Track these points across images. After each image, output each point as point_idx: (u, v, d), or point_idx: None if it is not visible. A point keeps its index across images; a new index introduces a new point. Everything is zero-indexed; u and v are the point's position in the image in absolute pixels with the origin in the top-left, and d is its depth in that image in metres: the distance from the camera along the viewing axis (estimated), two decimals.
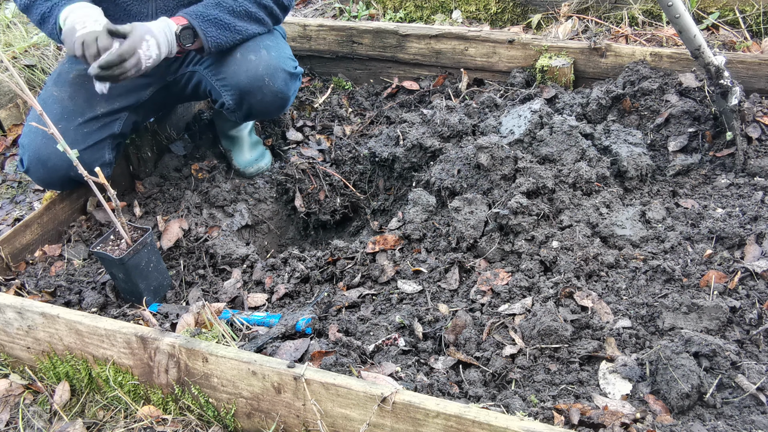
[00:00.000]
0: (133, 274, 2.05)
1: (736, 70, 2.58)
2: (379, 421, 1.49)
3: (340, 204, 2.73)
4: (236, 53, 2.29)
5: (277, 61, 2.31)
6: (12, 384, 1.90)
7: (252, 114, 2.41)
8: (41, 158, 2.23)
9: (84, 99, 2.31)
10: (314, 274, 2.18)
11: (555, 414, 1.53)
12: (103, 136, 2.33)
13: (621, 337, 1.77)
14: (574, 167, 2.24)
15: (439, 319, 1.89)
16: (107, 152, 2.35)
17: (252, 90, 2.29)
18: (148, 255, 2.08)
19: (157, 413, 1.74)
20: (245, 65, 2.27)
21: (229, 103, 2.35)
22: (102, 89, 2.10)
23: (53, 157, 2.22)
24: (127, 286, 2.10)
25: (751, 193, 2.20)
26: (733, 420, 1.54)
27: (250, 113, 2.40)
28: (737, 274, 1.86)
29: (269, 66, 2.28)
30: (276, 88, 2.32)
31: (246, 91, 2.30)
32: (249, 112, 2.39)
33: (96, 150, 2.31)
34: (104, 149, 2.34)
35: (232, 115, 2.43)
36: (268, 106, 2.36)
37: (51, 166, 2.23)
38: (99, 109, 2.32)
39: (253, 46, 2.30)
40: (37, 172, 2.27)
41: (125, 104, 2.39)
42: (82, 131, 2.28)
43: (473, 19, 3.68)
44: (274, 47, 2.33)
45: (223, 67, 2.31)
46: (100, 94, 2.15)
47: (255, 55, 2.28)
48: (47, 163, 2.23)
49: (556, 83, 2.83)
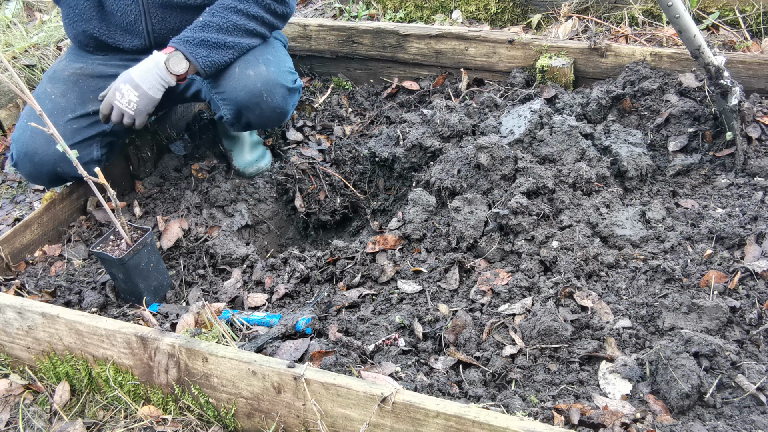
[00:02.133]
0: (133, 274, 2.05)
1: (736, 70, 2.58)
2: (379, 421, 1.49)
3: (340, 204, 2.73)
4: (235, 68, 2.28)
5: (276, 76, 2.30)
6: (12, 384, 1.90)
7: (250, 126, 2.42)
8: (28, 152, 2.25)
9: (76, 96, 2.33)
10: (314, 274, 2.18)
11: (555, 414, 1.53)
12: (92, 133, 2.35)
13: (621, 337, 1.77)
14: (574, 167, 2.24)
15: (439, 319, 1.89)
16: (96, 149, 2.36)
17: (250, 106, 2.29)
18: (147, 255, 2.08)
19: (157, 413, 1.74)
20: (244, 81, 2.26)
21: (227, 116, 2.36)
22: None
23: (40, 151, 2.24)
24: (127, 287, 2.10)
25: (751, 193, 2.20)
26: (733, 420, 1.54)
27: (248, 126, 2.41)
28: (737, 274, 1.86)
29: (268, 82, 2.28)
30: (274, 104, 2.32)
31: (244, 106, 2.30)
32: (247, 125, 2.40)
33: (84, 146, 2.32)
34: (93, 146, 2.36)
35: (231, 127, 2.44)
36: (266, 120, 2.37)
37: (38, 160, 2.25)
38: (90, 107, 2.34)
39: (252, 60, 2.29)
40: (24, 167, 2.29)
41: None
42: (71, 127, 2.30)
43: (473, 19, 3.68)
44: (273, 61, 2.32)
45: (222, 81, 2.30)
46: (93, 92, 2.19)
47: (254, 70, 2.27)
48: (34, 158, 2.25)
49: (556, 83, 2.83)
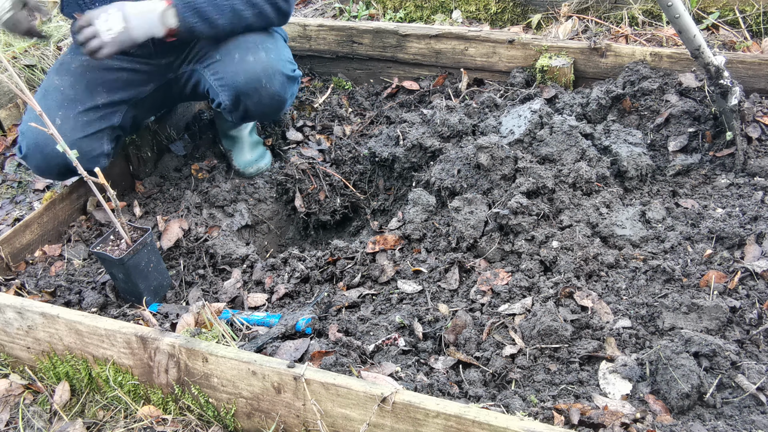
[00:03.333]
0: (133, 274, 2.05)
1: (736, 70, 2.58)
2: (379, 421, 1.49)
3: (340, 204, 2.73)
4: (235, 53, 2.29)
5: (276, 63, 2.30)
6: (12, 384, 1.90)
7: (248, 115, 2.41)
8: (39, 143, 2.23)
9: (84, 88, 2.33)
10: (314, 274, 2.18)
11: (555, 414, 1.53)
12: (102, 126, 2.34)
13: (621, 337, 1.77)
14: (574, 167, 2.24)
15: (439, 319, 1.89)
16: (106, 143, 2.36)
17: (248, 91, 2.29)
18: (147, 255, 2.08)
19: (157, 413, 1.74)
20: (243, 66, 2.27)
21: (225, 102, 2.35)
22: None
23: (51, 142, 2.22)
24: (127, 287, 2.10)
25: (751, 193, 2.20)
26: (733, 420, 1.54)
27: (247, 114, 2.40)
28: (737, 274, 1.86)
29: (267, 68, 2.28)
30: (273, 91, 2.32)
31: (243, 92, 2.30)
32: (245, 113, 2.39)
33: (95, 139, 2.32)
34: (103, 139, 2.35)
35: (229, 115, 2.43)
36: (265, 108, 2.36)
37: (48, 152, 2.23)
38: (99, 100, 2.34)
39: (253, 46, 2.30)
40: (34, 158, 2.28)
41: (125, 97, 2.41)
42: (82, 120, 2.29)
43: (473, 19, 3.68)
44: (273, 49, 2.33)
45: (221, 66, 2.31)
46: (100, 85, 2.17)
47: (254, 56, 2.28)
48: (45, 149, 2.23)
49: (556, 83, 2.83)
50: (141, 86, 2.44)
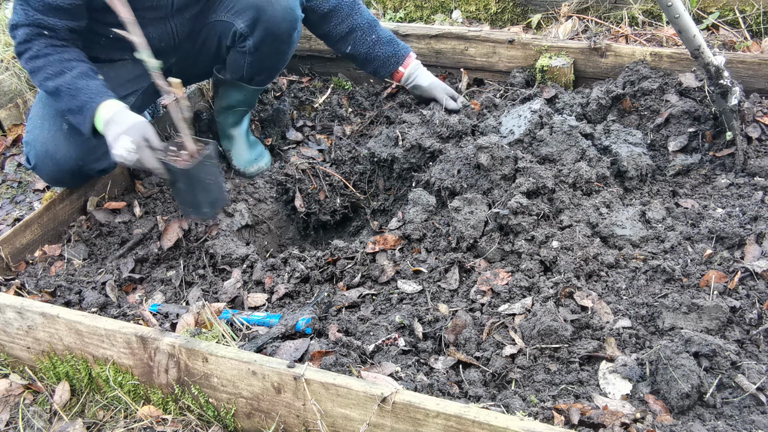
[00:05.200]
0: (196, 186, 2.09)
1: (736, 70, 2.58)
2: (379, 421, 1.49)
3: (340, 204, 2.73)
4: None
5: None
6: (12, 384, 1.90)
7: (264, 42, 2.42)
8: (49, 151, 2.20)
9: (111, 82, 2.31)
10: (314, 274, 2.18)
11: (555, 414, 1.53)
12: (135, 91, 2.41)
13: (621, 337, 1.77)
14: (574, 167, 2.24)
15: (439, 319, 1.89)
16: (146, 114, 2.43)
17: (263, 5, 2.34)
18: (209, 168, 2.11)
19: (157, 413, 1.74)
20: None
21: (241, 27, 2.38)
22: None
23: (62, 148, 2.19)
24: (187, 198, 2.14)
25: (751, 193, 2.20)
26: (733, 420, 1.54)
27: (262, 42, 2.41)
28: (737, 274, 1.86)
29: None
30: (286, 3, 2.37)
31: (259, 7, 2.34)
32: (262, 36, 2.40)
33: None
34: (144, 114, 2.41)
35: (242, 56, 2.45)
36: (280, 23, 2.38)
37: (60, 158, 2.20)
38: (121, 91, 2.35)
39: None
40: (45, 167, 2.25)
41: (138, 88, 2.44)
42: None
43: (473, 19, 3.68)
44: None
45: None
46: (113, 78, 2.25)
47: None
48: (56, 156, 2.20)
49: (556, 83, 2.83)
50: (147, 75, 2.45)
